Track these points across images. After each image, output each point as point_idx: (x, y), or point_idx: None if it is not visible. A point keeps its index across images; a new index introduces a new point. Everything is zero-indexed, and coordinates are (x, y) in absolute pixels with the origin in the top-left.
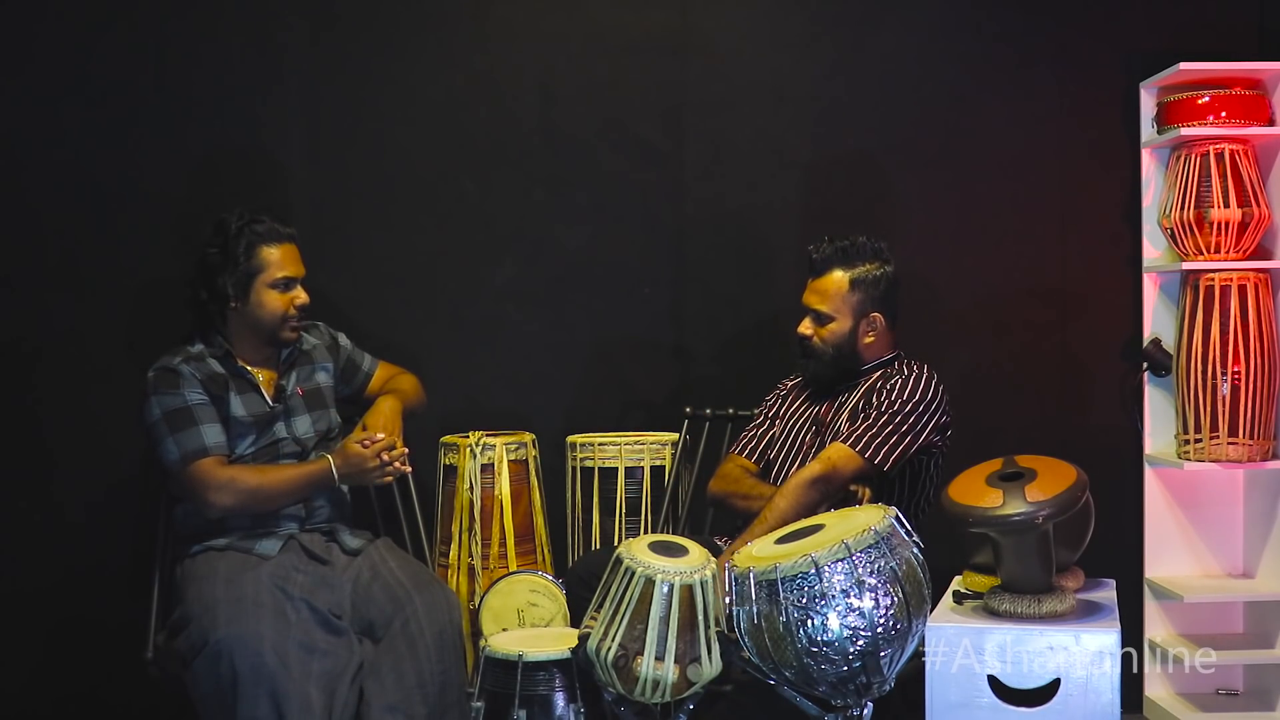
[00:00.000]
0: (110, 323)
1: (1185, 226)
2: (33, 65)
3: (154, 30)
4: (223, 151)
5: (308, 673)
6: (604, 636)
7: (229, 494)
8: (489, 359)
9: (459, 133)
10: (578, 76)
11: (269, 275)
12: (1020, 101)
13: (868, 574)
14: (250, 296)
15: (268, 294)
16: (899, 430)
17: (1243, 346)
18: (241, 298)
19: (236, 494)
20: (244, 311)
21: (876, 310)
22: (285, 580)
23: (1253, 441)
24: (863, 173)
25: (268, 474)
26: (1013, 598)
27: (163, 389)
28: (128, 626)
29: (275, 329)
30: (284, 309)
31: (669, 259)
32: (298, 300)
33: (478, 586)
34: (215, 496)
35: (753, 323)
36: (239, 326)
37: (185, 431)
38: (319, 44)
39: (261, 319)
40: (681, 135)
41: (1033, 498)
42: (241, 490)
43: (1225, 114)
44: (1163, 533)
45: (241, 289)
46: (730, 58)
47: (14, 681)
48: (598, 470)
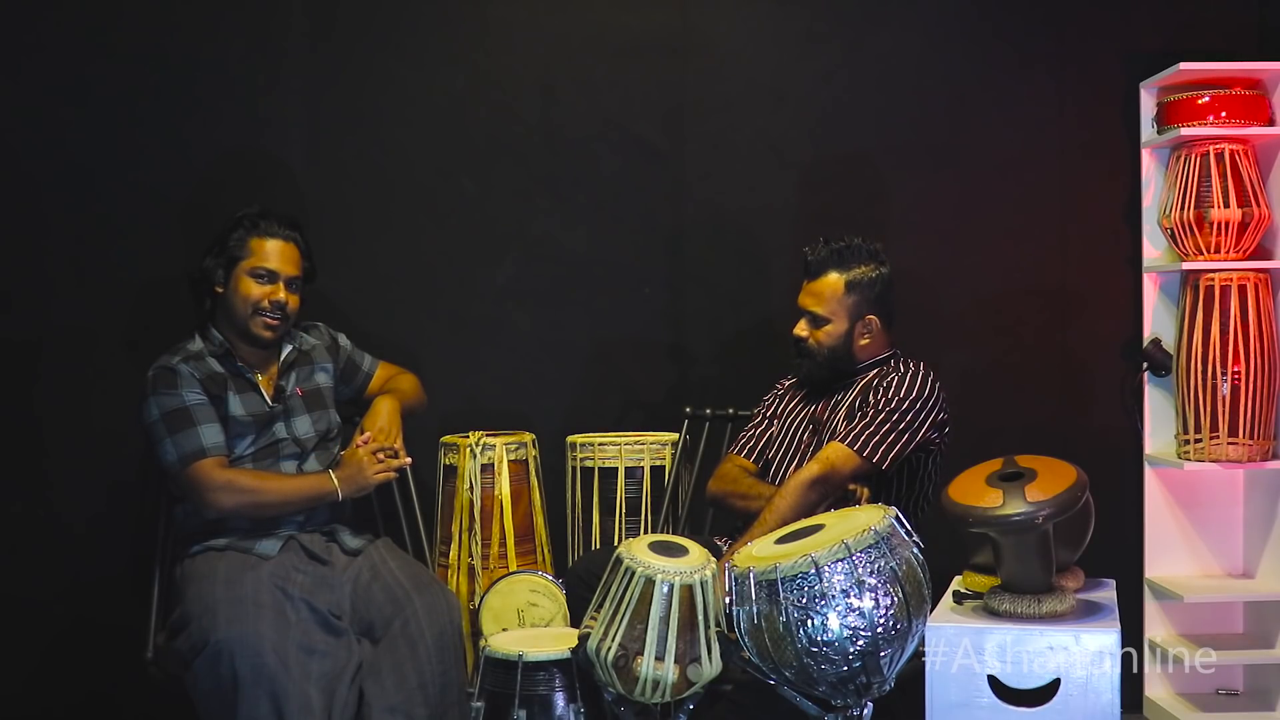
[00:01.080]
0: (111, 322)
1: (1185, 226)
2: (35, 66)
3: (156, 30)
4: (223, 151)
5: (308, 673)
6: (604, 636)
7: (227, 496)
8: (489, 359)
9: (459, 133)
10: (578, 76)
11: (251, 263)
12: (1020, 101)
13: (868, 574)
14: (230, 282)
15: (244, 281)
16: (896, 428)
17: (1243, 346)
18: (224, 282)
19: (234, 497)
20: (225, 299)
21: (872, 312)
22: (285, 580)
23: (1253, 441)
24: (862, 173)
25: (267, 481)
26: (1013, 598)
27: (161, 389)
28: (128, 627)
29: (246, 319)
30: (257, 299)
31: (668, 259)
32: (274, 295)
33: (478, 586)
34: (213, 498)
35: (752, 323)
36: (223, 318)
37: (183, 432)
38: (320, 44)
39: (234, 306)
40: (681, 135)
41: (1033, 498)
42: (239, 494)
43: (1225, 114)
44: (1163, 533)
45: (225, 272)
46: (730, 58)
47: (14, 682)
48: (598, 470)
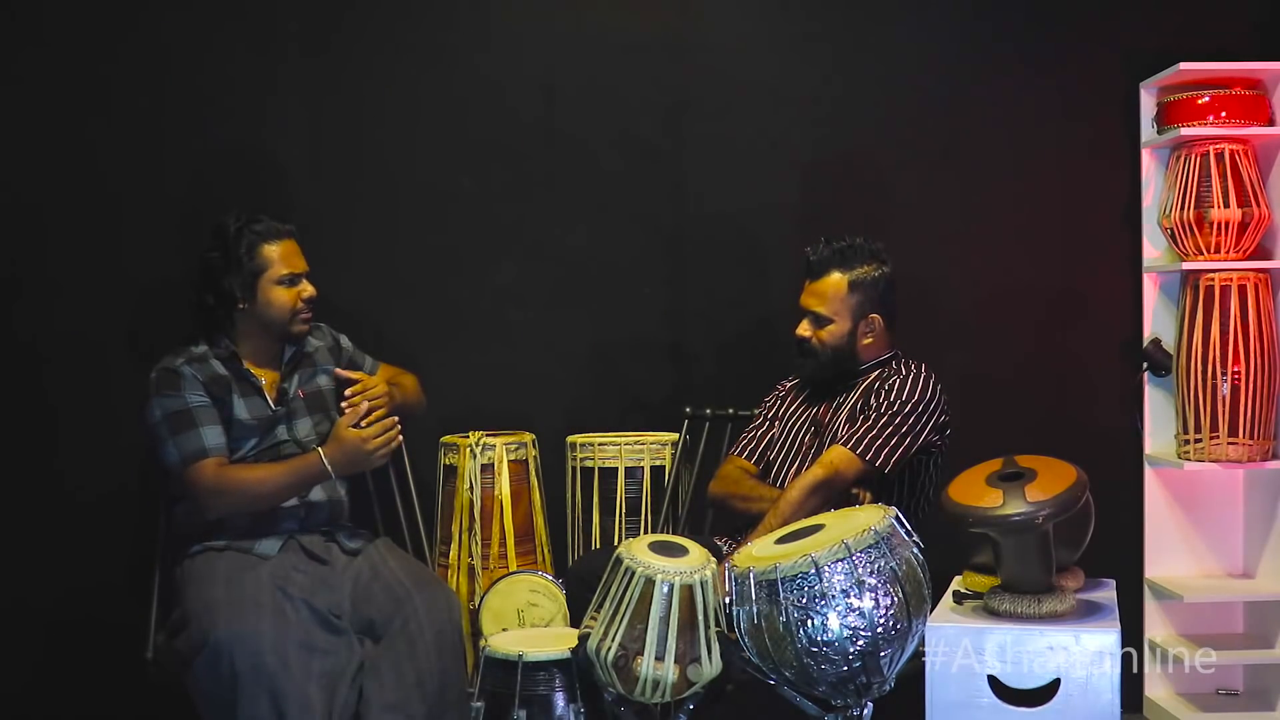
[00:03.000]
0: (113, 323)
1: (1185, 226)
2: (35, 67)
3: (156, 32)
4: (224, 152)
5: (308, 672)
6: (604, 636)
7: (227, 497)
8: (489, 359)
9: (459, 133)
10: (578, 76)
11: (274, 272)
12: (1020, 101)
13: (868, 574)
14: (258, 296)
15: (274, 290)
16: (899, 431)
17: (1243, 346)
18: (249, 298)
19: (234, 495)
20: (253, 312)
21: (874, 311)
22: (285, 580)
23: (1253, 441)
24: (862, 173)
25: (257, 471)
26: (1013, 598)
27: (164, 390)
28: (128, 626)
29: (286, 324)
30: (292, 304)
31: (668, 259)
32: (305, 294)
33: (478, 586)
34: (214, 500)
35: (752, 323)
36: (248, 327)
37: (185, 433)
38: (320, 45)
39: (272, 317)
40: (681, 135)
41: (1033, 498)
42: (237, 490)
43: (1225, 114)
44: (1163, 533)
45: (248, 289)
46: (730, 58)
47: (14, 682)
48: (598, 470)
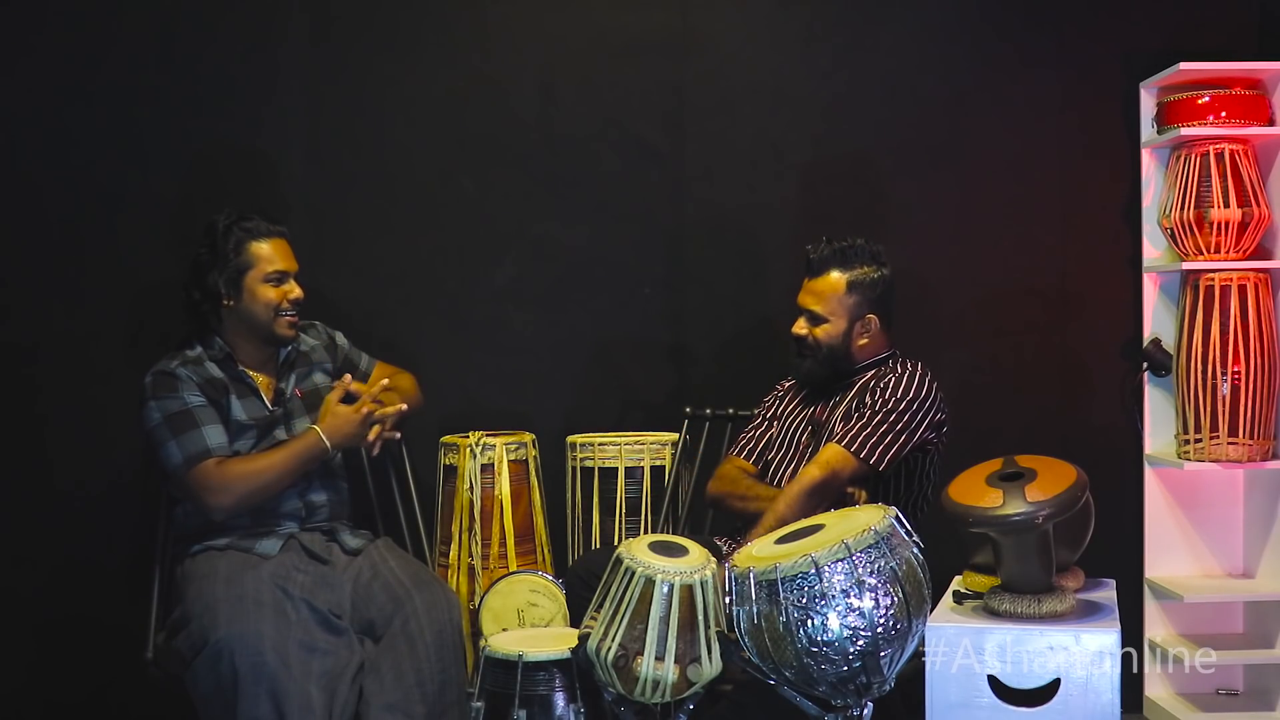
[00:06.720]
0: (110, 323)
1: (1185, 226)
2: (33, 65)
3: (154, 31)
4: (223, 151)
5: (308, 672)
6: (604, 636)
7: (232, 492)
8: (489, 359)
9: (459, 133)
10: (578, 76)
11: (260, 270)
12: (1020, 101)
13: (868, 574)
14: (243, 293)
15: (260, 288)
16: (893, 429)
17: (1243, 346)
18: (234, 294)
19: (239, 488)
20: (238, 309)
21: (872, 312)
22: (285, 580)
23: (1253, 441)
24: (862, 173)
25: (257, 461)
26: (1013, 598)
27: (161, 393)
28: (128, 626)
29: (269, 323)
30: (277, 302)
31: (668, 259)
32: (290, 294)
33: (478, 586)
34: (219, 498)
35: (752, 323)
36: (235, 326)
37: (188, 434)
38: (319, 44)
39: (255, 314)
40: (681, 135)
41: (1033, 498)
42: (242, 482)
43: (1225, 114)
44: (1163, 533)
45: (233, 285)
46: (730, 58)
47: (13, 682)
48: (598, 470)
